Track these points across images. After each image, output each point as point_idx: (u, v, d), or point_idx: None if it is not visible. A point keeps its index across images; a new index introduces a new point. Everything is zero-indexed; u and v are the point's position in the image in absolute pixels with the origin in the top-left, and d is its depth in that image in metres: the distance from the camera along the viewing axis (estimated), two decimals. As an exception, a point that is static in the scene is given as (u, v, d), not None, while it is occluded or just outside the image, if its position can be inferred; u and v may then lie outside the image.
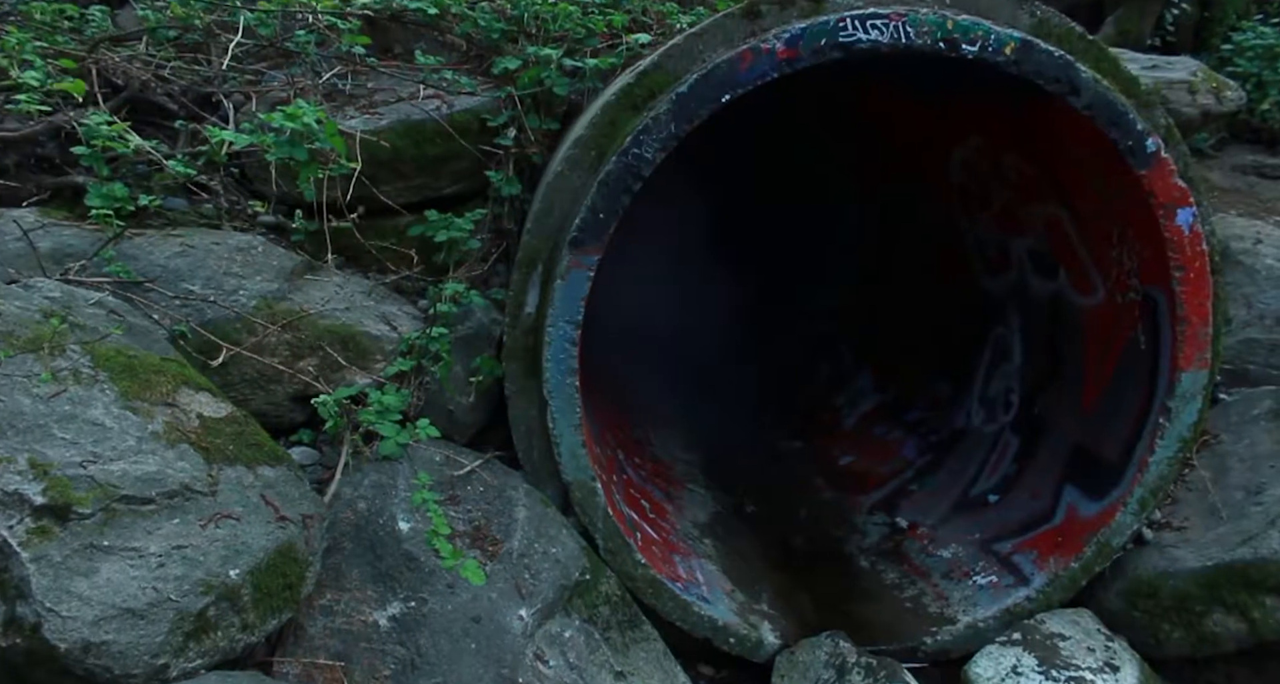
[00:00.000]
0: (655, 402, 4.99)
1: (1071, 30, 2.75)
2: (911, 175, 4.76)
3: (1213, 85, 4.44)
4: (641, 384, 4.97)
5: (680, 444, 4.82)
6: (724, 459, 4.78)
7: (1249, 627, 2.73)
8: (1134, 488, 2.95)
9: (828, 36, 2.54)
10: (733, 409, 5.41)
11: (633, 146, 2.58)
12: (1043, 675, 2.70)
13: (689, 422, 5.11)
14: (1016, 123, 3.23)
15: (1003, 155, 3.56)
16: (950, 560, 3.44)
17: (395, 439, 2.51)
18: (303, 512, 2.25)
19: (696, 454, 4.78)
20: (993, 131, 3.52)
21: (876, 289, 5.52)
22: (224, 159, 2.75)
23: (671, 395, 5.31)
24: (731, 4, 3.29)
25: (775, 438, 5.16)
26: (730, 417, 5.32)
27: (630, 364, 4.76)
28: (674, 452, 4.65)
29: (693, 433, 5.00)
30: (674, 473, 4.37)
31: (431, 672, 2.25)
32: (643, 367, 4.99)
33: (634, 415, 4.59)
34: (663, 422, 4.94)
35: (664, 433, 4.83)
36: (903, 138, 4.62)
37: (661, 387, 5.27)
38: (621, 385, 4.59)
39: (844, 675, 2.69)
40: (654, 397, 5.08)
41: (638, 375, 4.84)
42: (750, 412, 5.45)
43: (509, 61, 3.65)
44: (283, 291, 3.00)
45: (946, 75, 3.09)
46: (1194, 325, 2.82)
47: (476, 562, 2.31)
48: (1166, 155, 2.71)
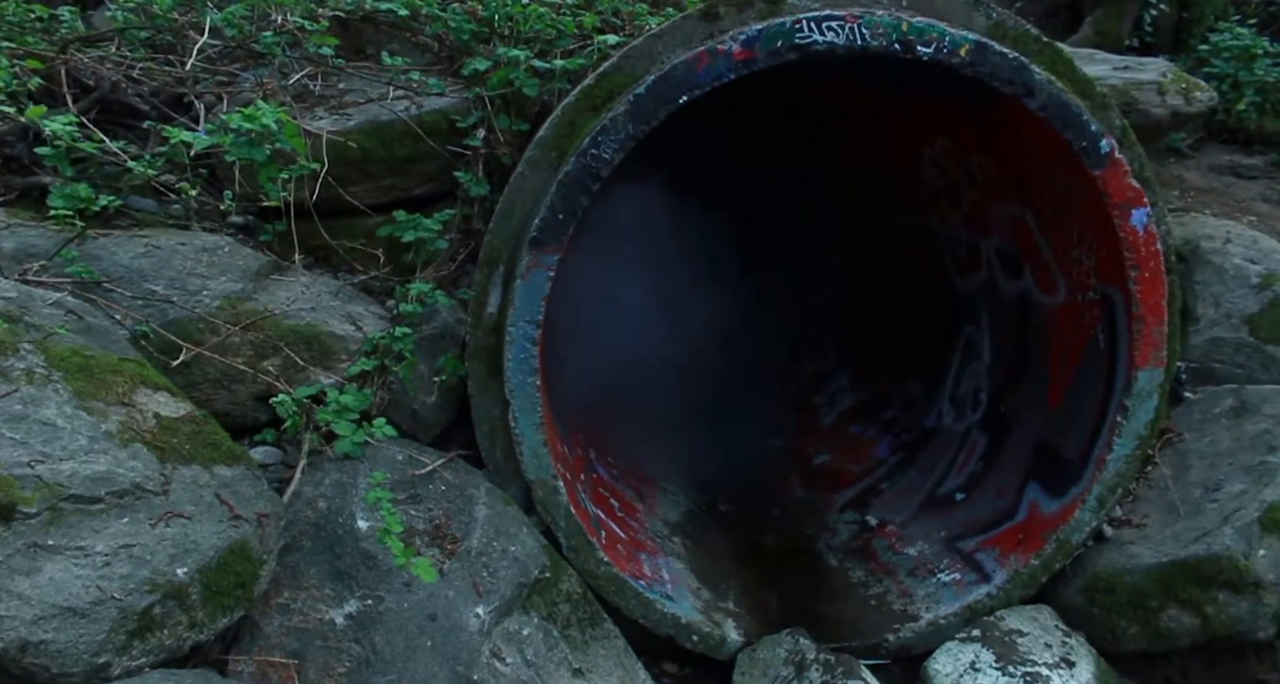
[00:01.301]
0: (633, 402, 5.01)
1: (1027, 32, 2.77)
2: (887, 176, 4.80)
3: (1182, 86, 4.48)
4: (620, 385, 4.98)
5: (658, 444, 4.84)
6: (702, 459, 4.80)
7: (1202, 622, 2.76)
8: (1092, 485, 2.98)
9: (784, 38, 2.56)
10: (713, 409, 5.43)
11: (591, 147, 2.60)
12: (1000, 671, 2.73)
13: (668, 422, 5.13)
14: (979, 124, 3.25)
15: (969, 156, 3.59)
16: (916, 558, 3.46)
17: (351, 438, 2.53)
18: (258, 510, 2.27)
19: (674, 454, 4.80)
20: (958, 133, 3.54)
21: (857, 289, 5.56)
22: (186, 159, 2.76)
23: (651, 396, 5.33)
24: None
25: (755, 437, 5.19)
26: (711, 417, 5.34)
27: (608, 365, 4.77)
28: (650, 451, 4.66)
29: (671, 433, 5.02)
30: (648, 472, 4.39)
31: (386, 669, 2.27)
32: (621, 368, 5.01)
33: (609, 415, 4.61)
34: (641, 422, 4.96)
35: (641, 432, 4.84)
36: (877, 138, 4.65)
37: (641, 388, 5.29)
38: (598, 386, 4.60)
39: (803, 672, 2.71)
40: (632, 397, 5.10)
41: (616, 376, 4.86)
42: (731, 411, 5.47)
43: (479, 62, 3.66)
44: (247, 292, 3.01)
45: (914, 77, 3.11)
46: (1149, 324, 2.85)
47: (428, 560, 2.32)
48: (1120, 156, 2.73)
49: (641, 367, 5.17)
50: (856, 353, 5.30)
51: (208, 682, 1.87)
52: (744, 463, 4.76)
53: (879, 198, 5.07)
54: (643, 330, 5.25)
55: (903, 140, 4.22)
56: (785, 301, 6.03)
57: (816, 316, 5.78)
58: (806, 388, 5.45)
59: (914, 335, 4.81)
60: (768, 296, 6.12)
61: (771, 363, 5.74)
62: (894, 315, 5.07)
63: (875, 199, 5.14)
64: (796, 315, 5.94)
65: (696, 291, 5.88)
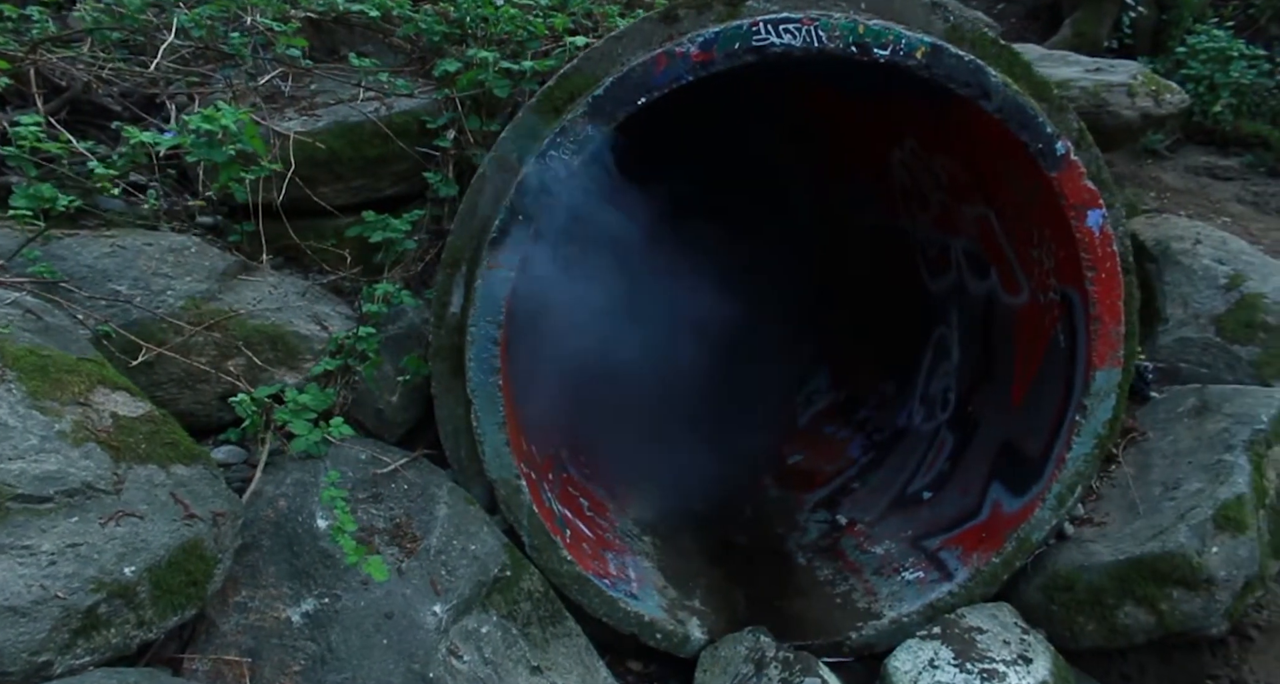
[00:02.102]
0: (610, 402, 5.03)
1: (984, 35, 2.80)
2: (860, 176, 4.83)
3: (1152, 88, 4.51)
4: (597, 385, 5.00)
5: (634, 444, 4.86)
6: (678, 458, 4.82)
7: (1157, 619, 2.79)
8: (1052, 484, 3.01)
9: (741, 40, 2.58)
10: (692, 410, 5.45)
11: (550, 149, 2.62)
12: (957, 668, 2.75)
13: (645, 422, 5.15)
14: (943, 126, 3.28)
15: (934, 157, 3.62)
16: (883, 556, 3.49)
17: (308, 437, 2.54)
18: (214, 509, 2.28)
19: (650, 453, 4.81)
20: (924, 134, 3.57)
21: (836, 290, 5.59)
22: (145, 160, 2.77)
23: (629, 398, 5.35)
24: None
25: (732, 436, 5.21)
26: (689, 417, 5.36)
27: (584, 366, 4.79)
28: (626, 451, 4.68)
29: (648, 433, 5.04)
30: (622, 471, 4.41)
31: (341, 667, 2.28)
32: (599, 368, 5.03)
33: (584, 414, 4.62)
34: (617, 422, 4.97)
35: (617, 432, 4.86)
36: (850, 140, 4.68)
37: (619, 389, 5.31)
38: (573, 386, 4.61)
39: (762, 669, 2.73)
40: (609, 398, 5.11)
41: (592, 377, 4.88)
42: (710, 412, 5.49)
43: (449, 64, 3.67)
44: (212, 292, 3.02)
45: (881, 80, 3.14)
46: (1107, 324, 2.87)
47: (381, 559, 2.34)
48: (1076, 158, 2.76)
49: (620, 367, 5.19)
50: (833, 354, 5.33)
51: (154, 680, 1.88)
52: (720, 463, 4.78)
53: (854, 199, 5.10)
54: (621, 332, 5.27)
55: (873, 143, 4.25)
56: (765, 304, 6.06)
57: (796, 318, 5.81)
58: (784, 388, 5.48)
59: (888, 336, 4.84)
60: (748, 298, 6.14)
61: (751, 364, 5.76)
62: (869, 316, 5.10)
63: (851, 201, 5.18)
64: (777, 317, 5.97)
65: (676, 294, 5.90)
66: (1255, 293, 4.11)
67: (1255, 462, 3.03)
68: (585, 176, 2.95)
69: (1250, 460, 3.02)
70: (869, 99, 3.74)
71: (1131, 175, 6.16)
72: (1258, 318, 4.00)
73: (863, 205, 4.99)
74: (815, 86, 4.07)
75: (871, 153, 4.39)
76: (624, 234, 4.09)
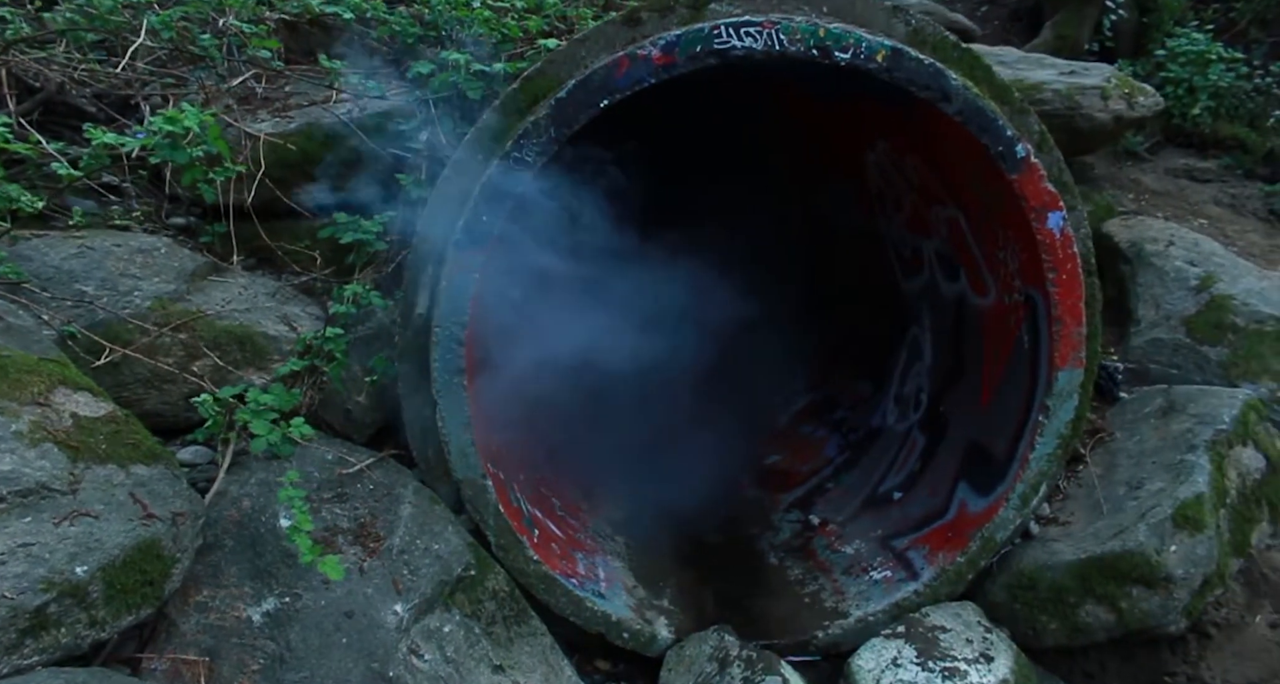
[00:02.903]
0: (589, 402, 5.04)
1: (945, 39, 2.82)
2: (839, 178, 4.85)
3: (1125, 91, 4.54)
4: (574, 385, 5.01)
5: (612, 444, 4.87)
6: (655, 460, 4.83)
7: (1117, 617, 2.82)
8: (1016, 484, 3.03)
9: (702, 43, 2.60)
10: (673, 411, 5.47)
11: (513, 151, 2.63)
12: (919, 666, 2.77)
13: (625, 423, 5.16)
14: (910, 129, 3.30)
15: (904, 159, 3.64)
16: (852, 556, 3.51)
17: (267, 437, 2.55)
18: (174, 509, 2.29)
19: (628, 454, 4.83)
20: (894, 137, 3.60)
21: (817, 289, 5.61)
22: (109, 161, 2.78)
23: (608, 397, 5.37)
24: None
25: (711, 437, 5.22)
26: (669, 418, 5.38)
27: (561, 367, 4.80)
28: (603, 451, 4.69)
29: (627, 434, 5.05)
30: (598, 472, 4.42)
31: (300, 666, 2.29)
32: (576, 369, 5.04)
33: (561, 414, 4.63)
34: (596, 421, 4.99)
35: (596, 432, 4.87)
36: (828, 142, 4.70)
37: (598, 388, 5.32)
38: (550, 386, 4.62)
39: (726, 668, 2.75)
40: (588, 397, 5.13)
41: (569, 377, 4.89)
42: (691, 413, 5.51)
43: (422, 66, 3.69)
44: (180, 293, 3.03)
45: (852, 83, 3.16)
46: (1068, 325, 2.90)
47: (337, 558, 2.35)
48: (1036, 160, 2.79)
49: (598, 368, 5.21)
50: (813, 354, 5.35)
51: (105, 679, 1.89)
52: (697, 463, 4.80)
53: (835, 201, 5.13)
54: (598, 332, 5.29)
55: (849, 145, 4.28)
56: (748, 304, 6.08)
57: (778, 319, 5.83)
58: (764, 389, 5.50)
59: (865, 336, 4.87)
60: (731, 299, 6.17)
61: (732, 365, 5.78)
62: (849, 316, 5.13)
63: (832, 202, 5.20)
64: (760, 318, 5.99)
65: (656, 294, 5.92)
66: (1225, 294, 4.14)
67: (1216, 461, 3.06)
68: (553, 177, 2.97)
69: (1211, 460, 3.04)
70: (843, 102, 3.76)
71: (1111, 177, 6.19)
72: (1227, 319, 4.03)
73: (842, 207, 5.01)
74: (792, 89, 4.10)
75: (848, 155, 4.41)
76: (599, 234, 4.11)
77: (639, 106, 3.00)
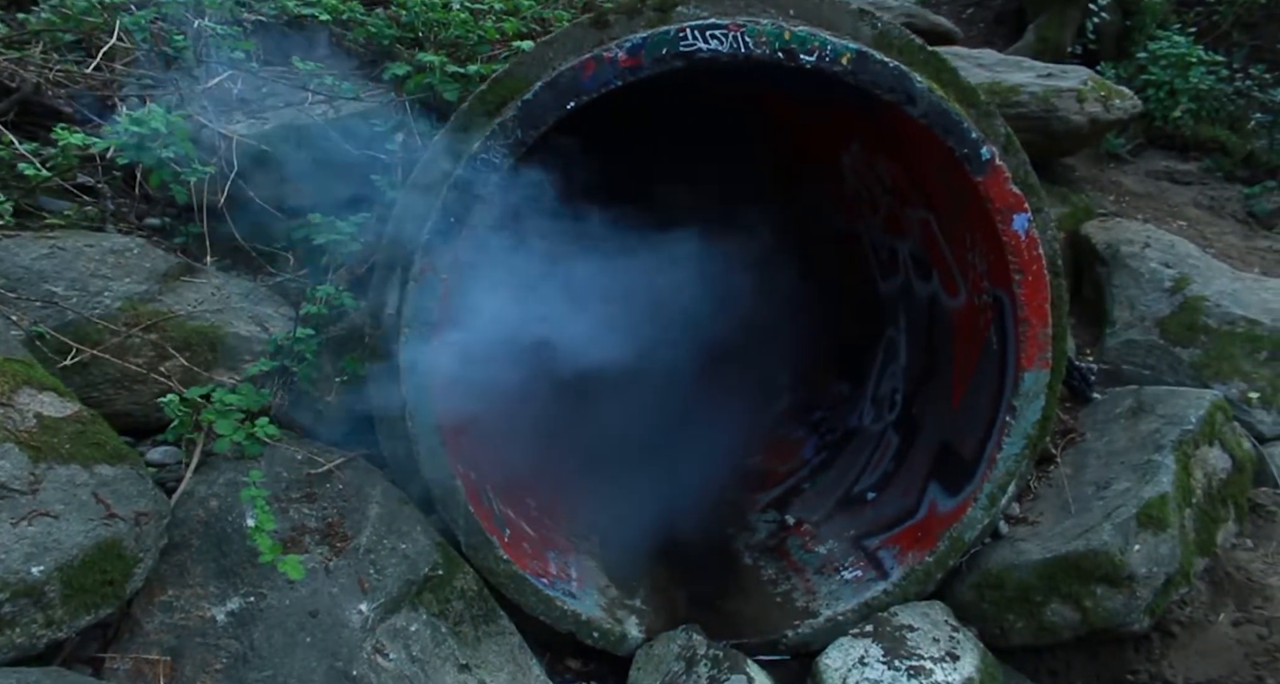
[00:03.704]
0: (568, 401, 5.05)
1: (911, 42, 2.84)
2: (819, 180, 4.88)
3: (1101, 94, 4.57)
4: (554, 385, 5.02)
5: (591, 444, 4.88)
6: (636, 461, 4.84)
7: (1082, 616, 2.84)
8: (984, 484, 3.05)
9: (668, 45, 2.62)
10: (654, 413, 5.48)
11: (481, 152, 2.65)
12: (885, 665, 2.79)
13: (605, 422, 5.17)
14: (881, 131, 3.32)
15: (877, 162, 3.66)
16: (825, 556, 3.53)
17: (231, 437, 2.56)
18: (137, 509, 2.30)
19: (607, 455, 4.84)
20: (867, 139, 3.62)
21: (798, 289, 5.63)
22: (77, 162, 2.78)
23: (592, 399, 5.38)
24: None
25: (692, 438, 5.24)
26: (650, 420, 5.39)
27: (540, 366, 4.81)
28: (582, 450, 4.71)
29: (607, 434, 5.06)
30: (576, 471, 4.44)
31: (263, 665, 2.30)
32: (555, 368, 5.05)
33: (540, 413, 4.64)
34: (575, 420, 5.00)
35: (575, 431, 4.88)
36: (808, 143, 4.73)
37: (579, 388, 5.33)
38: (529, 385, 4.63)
39: (692, 667, 2.77)
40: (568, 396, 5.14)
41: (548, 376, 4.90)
42: (673, 414, 5.52)
43: (398, 68, 3.71)
44: (151, 293, 3.03)
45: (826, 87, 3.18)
46: (1034, 326, 2.92)
47: (298, 557, 2.36)
48: (1001, 163, 2.81)
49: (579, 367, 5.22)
50: (793, 355, 5.36)
51: (60, 679, 1.90)
52: (677, 463, 4.81)
53: (815, 202, 5.15)
54: (580, 331, 5.30)
55: (826, 147, 4.30)
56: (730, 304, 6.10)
57: (760, 319, 5.85)
58: (747, 389, 5.51)
59: (844, 337, 4.89)
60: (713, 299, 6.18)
61: (715, 365, 5.79)
62: (828, 317, 5.15)
63: (812, 204, 5.22)
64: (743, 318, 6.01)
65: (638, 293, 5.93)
66: (1198, 295, 4.18)
67: (1182, 461, 3.08)
68: (522, 177, 2.98)
69: (1177, 460, 3.07)
70: (820, 104, 3.78)
71: (1093, 179, 6.23)
72: (1199, 320, 4.06)
73: (823, 207, 5.04)
74: (773, 90, 4.11)
75: (828, 156, 4.43)
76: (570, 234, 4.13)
77: (620, 106, 3.03)
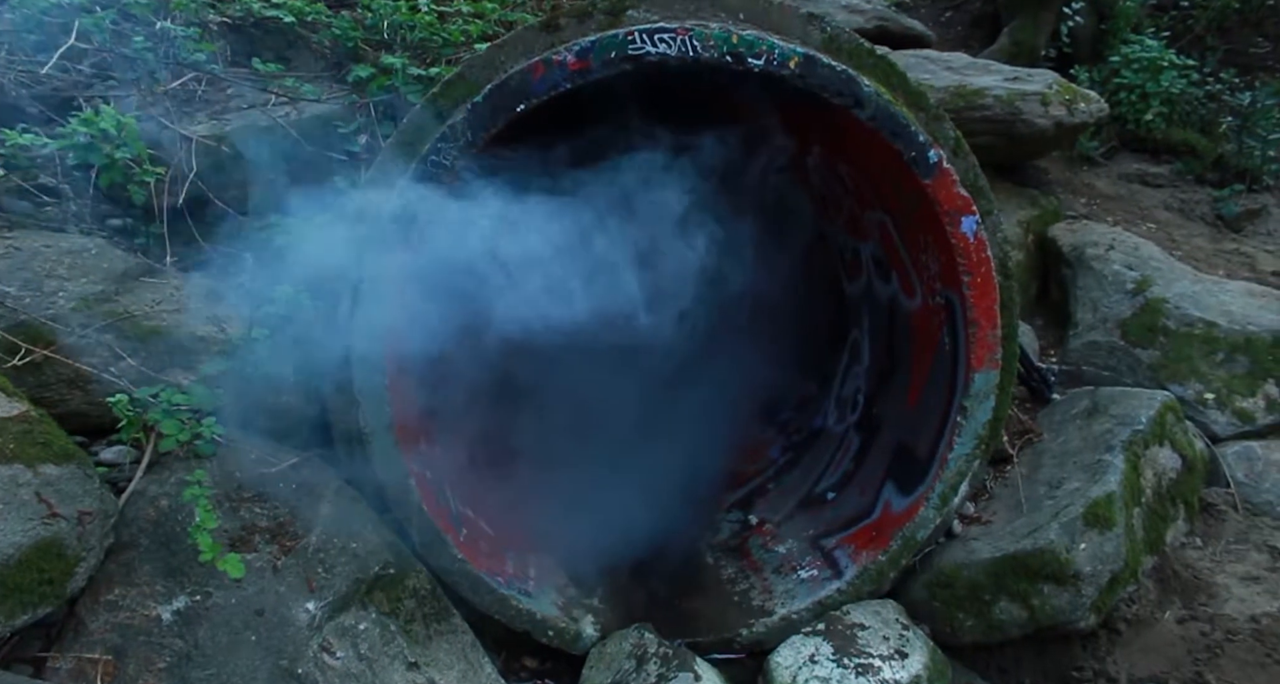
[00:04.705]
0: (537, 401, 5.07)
1: (860, 46, 2.87)
2: (789, 181, 4.90)
3: (1066, 97, 4.62)
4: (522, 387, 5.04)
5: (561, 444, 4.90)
6: (604, 460, 4.86)
7: (1029, 613, 2.87)
8: (935, 483, 3.08)
9: (617, 49, 2.64)
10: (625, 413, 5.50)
11: (431, 154, 2.67)
12: (835, 663, 2.82)
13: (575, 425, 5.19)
14: (838, 135, 3.35)
15: (837, 164, 3.69)
16: (784, 555, 3.55)
17: (176, 436, 2.57)
18: (81, 509, 2.31)
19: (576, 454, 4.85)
20: (827, 142, 3.65)
21: (769, 291, 5.66)
22: (26, 163, 2.79)
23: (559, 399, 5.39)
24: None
25: (662, 438, 5.25)
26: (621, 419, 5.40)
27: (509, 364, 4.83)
28: (550, 451, 4.72)
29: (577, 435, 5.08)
30: (542, 471, 4.45)
31: (206, 664, 2.31)
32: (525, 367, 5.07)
33: (508, 411, 4.66)
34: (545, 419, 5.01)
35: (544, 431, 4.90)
36: (776, 145, 4.75)
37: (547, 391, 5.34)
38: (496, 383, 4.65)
39: (643, 664, 2.79)
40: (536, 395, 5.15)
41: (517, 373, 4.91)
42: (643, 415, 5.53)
43: (362, 70, 3.73)
44: (108, 294, 3.04)
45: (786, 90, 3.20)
46: (983, 328, 2.95)
47: (239, 556, 2.38)
48: (949, 166, 2.84)
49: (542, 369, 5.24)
50: (762, 356, 5.39)
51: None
52: (645, 463, 4.83)
53: (785, 204, 5.18)
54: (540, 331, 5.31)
55: (794, 148, 4.32)
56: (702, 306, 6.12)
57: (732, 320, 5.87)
58: (717, 390, 5.53)
59: (813, 338, 4.92)
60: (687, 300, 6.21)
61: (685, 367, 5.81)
62: (798, 318, 5.18)
63: (782, 205, 5.25)
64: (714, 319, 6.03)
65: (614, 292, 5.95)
66: (1159, 298, 4.22)
67: (1132, 461, 3.12)
68: (475, 177, 3.00)
69: (1127, 460, 3.10)
70: (784, 106, 3.81)
71: (1065, 181, 6.27)
72: (1159, 322, 4.11)
73: (792, 209, 5.06)
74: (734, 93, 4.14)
75: (795, 157, 4.45)
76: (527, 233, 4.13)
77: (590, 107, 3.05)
